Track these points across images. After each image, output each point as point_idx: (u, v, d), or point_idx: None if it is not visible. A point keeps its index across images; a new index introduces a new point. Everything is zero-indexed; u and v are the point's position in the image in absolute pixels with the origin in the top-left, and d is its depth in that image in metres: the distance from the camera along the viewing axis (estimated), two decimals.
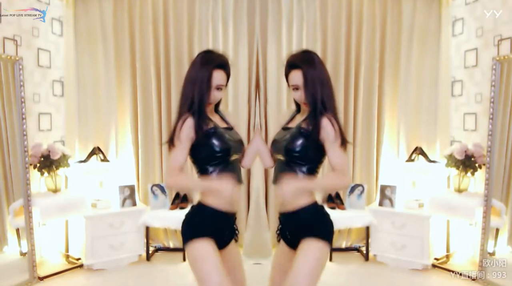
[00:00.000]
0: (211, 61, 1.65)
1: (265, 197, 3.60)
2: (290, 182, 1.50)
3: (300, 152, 1.65)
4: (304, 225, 1.65)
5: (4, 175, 2.88)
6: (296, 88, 1.67)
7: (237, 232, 1.81)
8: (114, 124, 3.62)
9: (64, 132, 3.55)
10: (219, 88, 1.68)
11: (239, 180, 1.75)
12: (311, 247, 1.59)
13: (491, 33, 3.10)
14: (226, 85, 1.74)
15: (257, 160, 1.96)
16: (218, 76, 1.65)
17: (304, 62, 1.64)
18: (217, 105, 1.83)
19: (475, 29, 3.27)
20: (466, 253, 3.34)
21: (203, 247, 1.59)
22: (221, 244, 1.71)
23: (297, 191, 1.51)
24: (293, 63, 1.66)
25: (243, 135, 1.82)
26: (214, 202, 1.67)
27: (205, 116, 1.67)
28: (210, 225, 1.67)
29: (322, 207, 1.75)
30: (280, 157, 1.73)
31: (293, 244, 1.69)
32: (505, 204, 2.91)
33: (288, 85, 1.73)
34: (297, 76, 1.64)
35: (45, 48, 3.32)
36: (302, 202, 1.66)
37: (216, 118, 1.76)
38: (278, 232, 1.82)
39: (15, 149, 2.90)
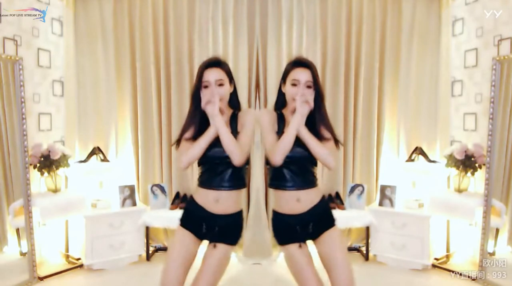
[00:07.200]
0: (202, 64, 1.83)
1: (265, 197, 3.59)
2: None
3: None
4: (324, 217, 1.85)
5: (4, 175, 2.88)
6: (295, 84, 1.80)
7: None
8: (114, 125, 3.62)
9: (64, 132, 3.55)
10: (219, 84, 1.79)
11: (217, 184, 1.80)
12: (337, 233, 1.83)
13: (491, 33, 3.11)
14: (231, 82, 1.86)
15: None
16: (209, 72, 1.78)
17: (312, 64, 1.83)
18: (236, 108, 1.91)
19: (475, 29, 3.27)
20: (466, 253, 3.34)
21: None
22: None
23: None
24: (302, 62, 1.83)
25: None
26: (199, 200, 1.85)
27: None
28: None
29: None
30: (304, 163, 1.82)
31: (312, 236, 1.83)
32: (505, 204, 2.91)
33: (284, 82, 1.87)
34: (304, 73, 1.79)
35: (45, 48, 3.32)
36: (317, 199, 1.85)
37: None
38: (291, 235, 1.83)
39: (15, 149, 2.90)
